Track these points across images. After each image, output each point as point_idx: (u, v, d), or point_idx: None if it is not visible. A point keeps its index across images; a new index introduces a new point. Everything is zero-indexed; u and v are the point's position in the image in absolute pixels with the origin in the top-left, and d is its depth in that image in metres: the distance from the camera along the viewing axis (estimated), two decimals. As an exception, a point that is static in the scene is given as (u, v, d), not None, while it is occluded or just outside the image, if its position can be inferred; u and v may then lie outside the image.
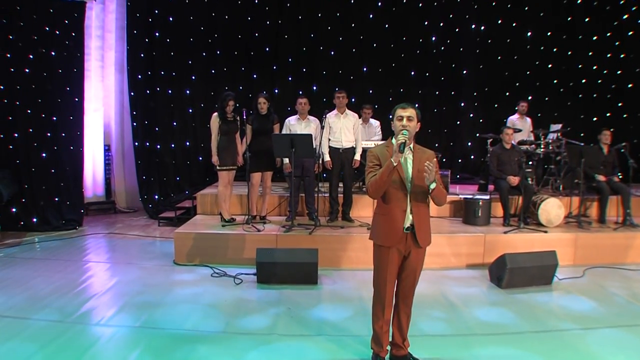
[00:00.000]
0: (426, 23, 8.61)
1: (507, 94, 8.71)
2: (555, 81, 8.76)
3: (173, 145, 8.09)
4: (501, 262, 4.58)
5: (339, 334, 3.53)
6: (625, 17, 8.44)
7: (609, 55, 8.68)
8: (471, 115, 8.97)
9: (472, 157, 9.02)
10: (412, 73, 8.74)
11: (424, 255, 2.95)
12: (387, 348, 3.06)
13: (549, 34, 8.59)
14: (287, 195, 6.32)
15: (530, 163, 6.74)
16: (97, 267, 5.08)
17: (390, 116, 2.86)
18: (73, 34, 6.81)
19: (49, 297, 4.12)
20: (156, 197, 7.86)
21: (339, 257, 5.17)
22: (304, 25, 8.47)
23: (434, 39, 8.68)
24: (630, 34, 8.44)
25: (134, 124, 7.79)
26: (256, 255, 4.60)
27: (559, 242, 5.32)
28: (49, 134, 6.68)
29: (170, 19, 7.88)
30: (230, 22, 8.23)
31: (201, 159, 8.25)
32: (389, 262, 2.84)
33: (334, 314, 3.90)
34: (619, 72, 8.67)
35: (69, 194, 6.89)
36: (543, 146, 6.97)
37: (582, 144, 6.70)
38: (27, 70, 6.44)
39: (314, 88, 8.51)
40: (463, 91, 8.90)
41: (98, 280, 4.70)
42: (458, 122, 9.00)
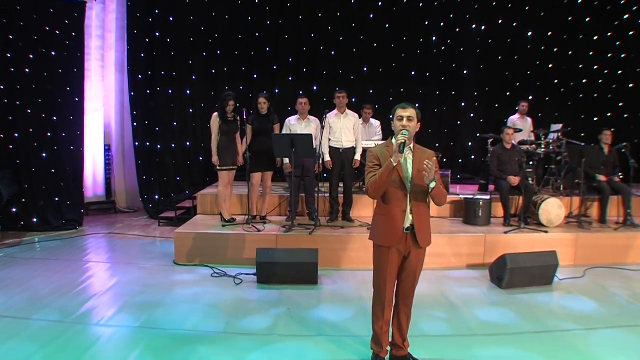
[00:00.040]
0: (427, 23, 8.61)
1: (508, 93, 8.71)
2: (556, 81, 8.75)
3: (173, 145, 8.09)
4: (502, 263, 4.57)
5: (339, 334, 3.53)
6: (626, 16, 8.43)
7: (609, 55, 8.67)
8: (472, 115, 8.96)
9: (472, 157, 9.02)
10: (413, 73, 8.74)
11: (424, 255, 2.94)
12: (387, 349, 3.05)
13: (549, 33, 8.59)
14: (287, 195, 6.32)
15: (531, 163, 6.74)
16: (97, 267, 5.08)
17: (391, 116, 2.85)
18: (73, 34, 6.81)
19: (49, 297, 4.12)
20: (156, 197, 7.87)
21: (339, 257, 5.17)
22: (305, 25, 8.46)
23: (434, 38, 8.67)
24: (631, 33, 8.43)
25: (135, 124, 7.79)
26: (256, 256, 4.60)
27: (559, 243, 5.32)
28: (49, 134, 6.69)
29: (171, 18, 7.88)
30: (231, 22, 8.23)
31: (201, 159, 8.26)
32: (389, 262, 2.83)
33: (334, 314, 3.90)
34: (619, 72, 8.66)
35: (69, 194, 6.89)
36: (544, 146, 6.96)
37: (583, 144, 6.70)
38: (27, 70, 6.44)
39: (315, 88, 8.50)
40: (464, 91, 8.89)
41: (98, 280, 4.70)
42: (459, 122, 8.99)
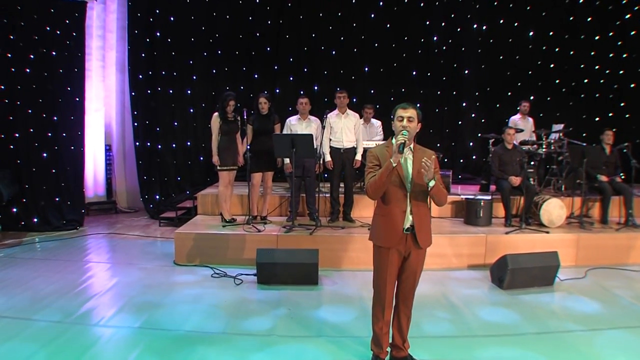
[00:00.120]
0: (428, 23, 8.60)
1: (509, 93, 8.69)
2: (557, 81, 8.72)
3: (174, 145, 8.09)
4: (503, 263, 4.56)
5: (339, 335, 3.52)
6: (628, 16, 8.41)
7: (611, 55, 8.64)
8: (473, 115, 8.94)
9: (473, 157, 9.00)
10: (414, 73, 8.72)
11: (424, 256, 2.93)
12: (387, 350, 3.04)
13: (551, 33, 8.57)
14: (287, 195, 6.31)
15: (532, 163, 6.73)
16: (97, 268, 5.08)
17: (391, 116, 2.84)
18: (74, 34, 6.81)
19: (49, 297, 4.11)
20: (157, 197, 7.87)
21: (339, 258, 5.16)
22: (305, 25, 8.45)
23: (435, 38, 8.65)
24: (632, 33, 8.40)
25: (135, 124, 7.79)
26: (256, 256, 4.59)
27: (560, 243, 5.30)
28: (49, 134, 6.68)
29: (172, 18, 7.88)
30: (231, 22, 8.23)
31: (202, 159, 8.25)
32: (389, 263, 2.82)
33: (334, 315, 3.89)
34: (621, 72, 8.63)
35: (69, 194, 6.89)
36: (545, 146, 6.95)
37: (585, 144, 6.66)
38: (27, 70, 6.44)
39: (315, 88, 8.49)
40: (465, 91, 8.87)
41: (98, 280, 4.69)
42: (460, 122, 8.97)
